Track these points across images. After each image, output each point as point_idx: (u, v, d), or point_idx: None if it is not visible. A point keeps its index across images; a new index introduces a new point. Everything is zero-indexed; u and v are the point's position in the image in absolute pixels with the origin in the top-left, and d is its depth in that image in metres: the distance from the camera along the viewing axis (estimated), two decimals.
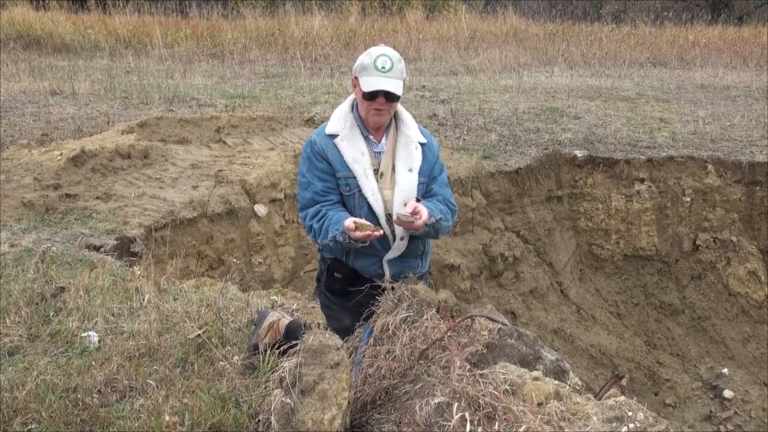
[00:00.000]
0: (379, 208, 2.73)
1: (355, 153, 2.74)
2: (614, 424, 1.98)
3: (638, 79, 12.67)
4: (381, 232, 2.64)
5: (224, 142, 6.74)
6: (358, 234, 2.56)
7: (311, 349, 2.16)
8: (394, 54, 2.69)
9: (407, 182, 2.77)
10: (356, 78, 2.71)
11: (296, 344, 2.24)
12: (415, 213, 2.62)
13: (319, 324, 2.92)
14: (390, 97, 2.68)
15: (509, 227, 7.22)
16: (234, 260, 5.30)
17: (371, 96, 2.66)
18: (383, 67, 2.63)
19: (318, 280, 3.04)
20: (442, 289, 6.28)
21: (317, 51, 13.86)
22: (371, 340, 2.49)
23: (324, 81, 11.07)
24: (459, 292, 6.47)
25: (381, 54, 2.66)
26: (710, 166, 7.55)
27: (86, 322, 3.06)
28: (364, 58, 2.69)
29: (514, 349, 2.54)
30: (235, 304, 3.40)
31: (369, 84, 2.64)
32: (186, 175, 5.86)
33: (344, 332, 2.64)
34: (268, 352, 2.66)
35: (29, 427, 2.29)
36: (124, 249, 4.56)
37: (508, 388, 2.16)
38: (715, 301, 7.52)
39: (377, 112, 2.72)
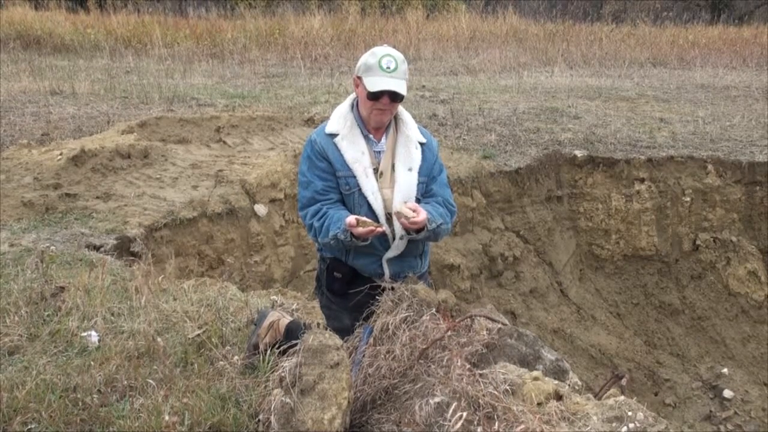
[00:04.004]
0: (378, 207, 2.74)
1: (354, 152, 2.74)
2: (614, 424, 1.98)
3: (638, 79, 12.67)
4: (383, 228, 2.64)
5: (224, 142, 6.74)
6: (361, 230, 2.56)
7: (311, 349, 2.16)
8: (399, 55, 2.69)
9: (407, 181, 2.77)
10: (359, 78, 2.71)
11: (296, 344, 2.24)
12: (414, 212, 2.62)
13: (319, 324, 2.93)
14: (395, 98, 2.67)
15: (509, 227, 7.22)
16: (232, 260, 5.30)
17: (376, 96, 2.66)
18: (388, 68, 2.63)
19: (318, 279, 3.04)
20: (442, 289, 6.28)
21: (317, 51, 13.86)
22: (371, 340, 2.49)
23: (324, 81, 11.07)
24: (459, 292, 6.47)
25: (386, 54, 2.65)
26: (710, 166, 7.55)
27: (86, 321, 3.06)
28: (368, 57, 2.68)
29: (513, 349, 2.54)
30: (234, 304, 3.40)
31: (374, 84, 2.64)
32: (186, 174, 5.86)
33: (344, 332, 2.64)
34: (268, 351, 2.66)
35: (29, 427, 2.29)
36: (124, 249, 4.55)
37: (507, 388, 2.16)
38: (715, 301, 7.52)
39: (380, 112, 2.72)
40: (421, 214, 2.61)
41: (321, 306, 3.09)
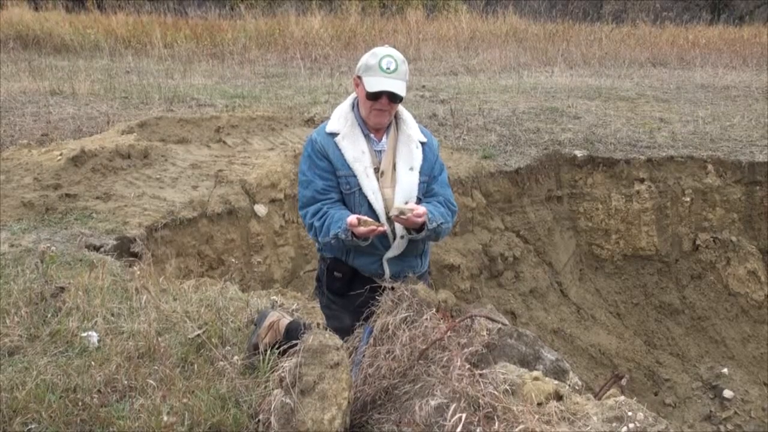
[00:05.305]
0: (379, 207, 2.74)
1: (355, 151, 2.74)
2: (614, 424, 1.98)
3: (638, 79, 12.67)
4: (384, 227, 2.64)
5: (224, 142, 6.73)
6: (362, 229, 2.56)
7: (311, 349, 2.16)
8: (399, 55, 2.69)
9: (408, 181, 2.77)
10: (359, 77, 2.71)
11: (296, 344, 2.24)
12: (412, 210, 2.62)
13: (319, 324, 2.93)
14: (393, 98, 2.68)
15: (509, 227, 7.22)
16: (233, 260, 5.30)
17: (374, 96, 2.67)
18: (388, 68, 2.64)
19: (318, 279, 3.04)
20: (442, 289, 6.28)
21: (317, 51, 13.85)
22: (371, 340, 2.49)
23: (324, 81, 11.07)
24: (459, 292, 6.47)
25: (386, 55, 2.66)
26: (710, 166, 7.55)
27: (86, 322, 3.06)
28: (369, 58, 2.69)
29: (514, 349, 2.54)
30: (235, 304, 3.40)
31: (373, 84, 2.64)
32: (186, 175, 5.86)
33: (344, 332, 2.64)
34: (268, 352, 2.66)
35: (29, 427, 2.29)
36: (124, 249, 4.55)
37: (507, 388, 2.16)
38: (715, 301, 7.52)
39: (379, 113, 2.72)
40: (420, 208, 2.62)
41: (321, 306, 3.09)
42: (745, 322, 7.43)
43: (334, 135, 2.77)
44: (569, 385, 2.32)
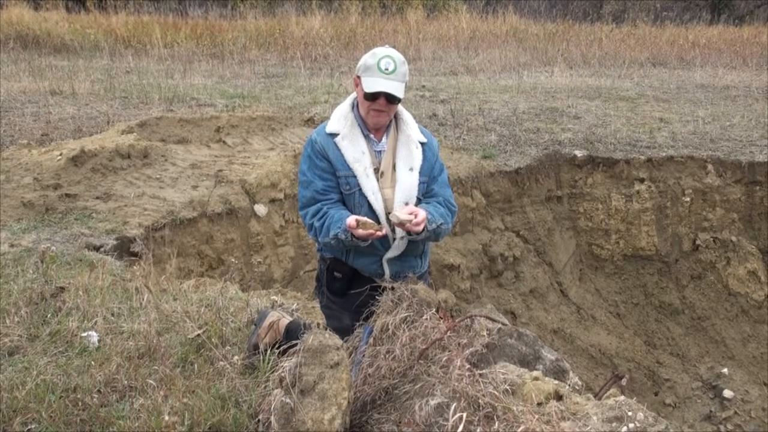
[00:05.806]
0: (379, 207, 2.74)
1: (355, 152, 2.74)
2: (614, 424, 1.98)
3: (638, 79, 12.67)
4: (384, 231, 2.64)
5: (224, 142, 6.73)
6: (361, 232, 2.56)
7: (311, 349, 2.16)
8: (398, 56, 2.69)
9: (408, 181, 2.77)
10: (359, 77, 2.72)
11: (296, 344, 2.24)
12: (412, 214, 2.62)
13: (319, 324, 2.93)
14: (391, 99, 2.68)
15: (509, 227, 7.22)
16: (233, 260, 5.30)
17: (372, 97, 2.67)
18: (386, 69, 2.64)
19: (318, 279, 3.04)
20: (442, 289, 6.28)
21: (317, 51, 13.85)
22: (371, 340, 2.49)
23: (324, 81, 11.07)
24: (459, 292, 6.47)
25: (385, 55, 2.66)
26: (710, 166, 7.55)
27: (86, 322, 3.06)
28: (368, 58, 2.69)
29: (514, 349, 2.54)
30: (235, 304, 3.40)
31: (371, 85, 2.65)
32: (186, 175, 5.86)
33: (344, 332, 2.64)
34: (268, 352, 2.66)
35: (29, 427, 2.29)
36: (124, 249, 4.56)
37: (507, 388, 2.16)
38: (715, 301, 7.52)
39: (377, 113, 2.72)
40: (420, 215, 2.61)
41: (321, 306, 3.09)
42: (745, 322, 7.43)
43: (334, 135, 2.77)
44: (569, 385, 2.33)
